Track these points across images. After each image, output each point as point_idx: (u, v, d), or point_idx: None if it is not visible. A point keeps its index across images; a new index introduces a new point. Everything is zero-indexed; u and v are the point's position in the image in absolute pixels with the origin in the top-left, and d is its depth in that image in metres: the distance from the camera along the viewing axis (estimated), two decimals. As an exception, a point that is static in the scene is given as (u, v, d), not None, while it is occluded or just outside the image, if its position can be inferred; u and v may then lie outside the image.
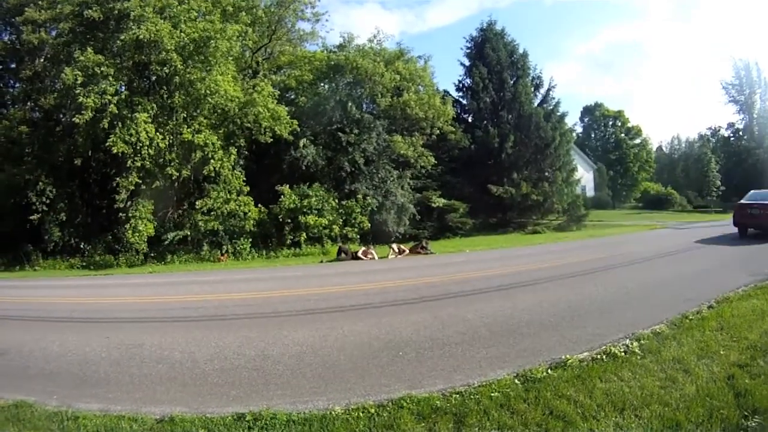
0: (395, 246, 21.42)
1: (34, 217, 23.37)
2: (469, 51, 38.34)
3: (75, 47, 22.96)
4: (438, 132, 31.27)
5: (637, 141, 73.48)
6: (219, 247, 23.86)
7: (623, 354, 5.41)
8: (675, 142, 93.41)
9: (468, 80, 37.51)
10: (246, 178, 24.63)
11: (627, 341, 5.85)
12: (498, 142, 33.92)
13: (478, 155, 34.22)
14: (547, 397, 4.34)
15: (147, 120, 21.80)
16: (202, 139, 22.73)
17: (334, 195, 26.67)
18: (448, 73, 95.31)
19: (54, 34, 27.35)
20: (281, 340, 7.08)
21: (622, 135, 72.63)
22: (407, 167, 30.20)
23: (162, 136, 22.25)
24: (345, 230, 25.83)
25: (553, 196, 34.98)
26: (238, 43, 25.05)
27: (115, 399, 5.07)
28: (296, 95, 29.99)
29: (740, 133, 65.67)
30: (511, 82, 36.23)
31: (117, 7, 22.54)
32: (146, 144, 21.52)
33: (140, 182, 22.37)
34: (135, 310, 10.63)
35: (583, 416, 3.98)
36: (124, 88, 23.36)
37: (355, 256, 20.21)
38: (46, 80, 27.72)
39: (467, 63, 37.98)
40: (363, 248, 21.25)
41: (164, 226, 23.92)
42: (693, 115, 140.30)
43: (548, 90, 37.72)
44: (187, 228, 23.86)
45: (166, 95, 23.63)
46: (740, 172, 59.92)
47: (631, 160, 70.89)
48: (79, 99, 20.83)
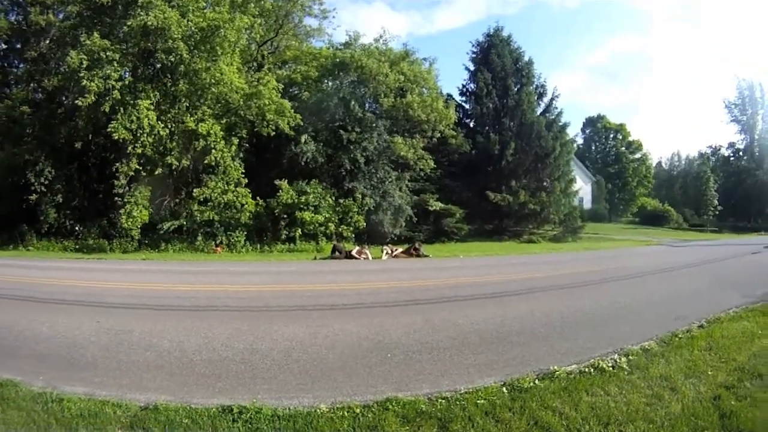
0: (389, 247, 21.43)
1: (32, 197, 23.32)
2: (474, 56, 38.50)
3: (81, 31, 22.93)
4: (439, 135, 31.35)
5: (638, 156, 73.84)
6: (213, 238, 23.84)
7: (611, 368, 5.41)
8: (675, 159, 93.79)
9: (472, 85, 37.66)
10: (245, 171, 24.56)
11: (616, 356, 5.85)
12: (499, 149, 34.00)
13: (478, 161, 34.27)
14: (533, 408, 4.33)
15: (149, 107, 21.78)
16: (206, 129, 22.72)
17: (332, 192, 26.68)
18: (452, 77, 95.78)
19: (61, 16, 27.34)
20: (271, 335, 7.07)
21: (623, 149, 72.91)
22: (406, 169, 30.23)
23: (163, 124, 22.22)
24: (341, 228, 25.84)
25: (551, 206, 35.08)
26: (245, 35, 25.04)
27: (101, 384, 5.05)
28: (300, 90, 30.02)
29: (740, 153, 65.96)
30: (515, 89, 36.35)
31: (125, -7, 22.50)
32: (147, 131, 21.49)
33: (140, 169, 22.31)
34: (127, 295, 10.58)
35: (567, 428, 3.98)
36: (128, 74, 23.26)
37: (349, 255, 20.21)
38: (51, 62, 27.59)
39: (472, 68, 38.14)
40: (357, 248, 21.27)
41: (160, 214, 23.88)
42: (694, 132, 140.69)
43: (551, 99, 38.00)
44: (183, 218, 23.81)
45: (170, 83, 23.57)
46: (739, 192, 60.11)
47: (630, 174, 71.15)
48: (83, 82, 20.81)
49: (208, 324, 7.68)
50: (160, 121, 22.15)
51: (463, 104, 38.34)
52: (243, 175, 24.29)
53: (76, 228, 25.07)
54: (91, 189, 26.14)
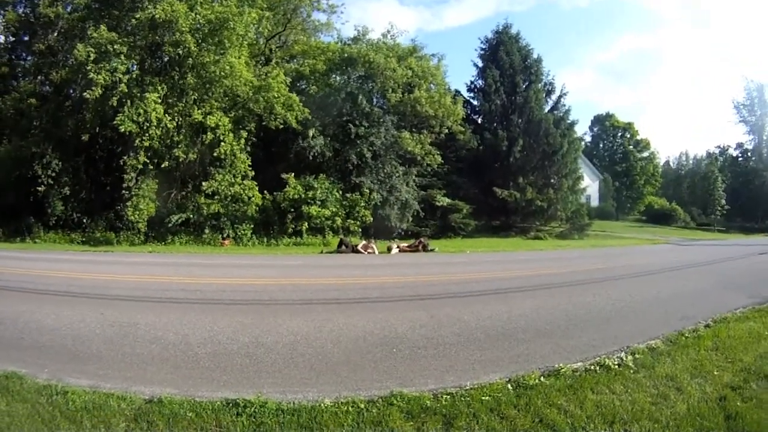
0: (395, 242, 21.43)
1: (39, 189, 23.43)
2: (483, 52, 38.43)
3: (89, 23, 23.03)
4: (447, 131, 31.30)
5: (645, 154, 73.41)
6: (220, 232, 23.90)
7: (617, 367, 5.36)
8: (683, 158, 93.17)
9: (480, 81, 37.59)
10: (252, 165, 24.58)
11: (621, 354, 5.80)
12: (506, 146, 33.94)
13: (486, 157, 34.23)
14: (538, 405, 4.31)
15: (156, 100, 21.84)
16: (214, 121, 22.79)
17: (339, 187, 26.71)
18: (460, 73, 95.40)
19: (69, 8, 27.36)
20: (276, 329, 7.06)
21: (631, 147, 72.48)
22: (413, 164, 30.21)
23: (170, 117, 22.27)
24: (347, 223, 25.88)
25: (558, 203, 35.02)
26: (253, 29, 25.03)
27: (105, 376, 5.06)
28: (308, 84, 29.97)
29: (749, 153, 65.53)
30: (523, 86, 36.22)
31: (133, -14, 22.52)
32: (154, 124, 21.54)
33: (147, 162, 22.38)
34: (132, 288, 10.60)
35: (572, 426, 3.96)
36: (135, 67, 23.35)
37: (355, 250, 20.23)
38: (59, 55, 27.65)
39: (480, 64, 38.09)
40: (364, 242, 21.27)
41: (167, 207, 23.96)
42: (702, 132, 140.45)
43: (559, 97, 37.93)
44: (189, 211, 23.88)
45: (177, 76, 23.61)
46: (746, 192, 59.81)
47: (638, 172, 70.75)
48: (90, 75, 20.88)
49: (213, 317, 7.69)
50: (167, 114, 22.23)
51: (471, 101, 38.36)
52: (250, 168, 24.33)
53: (83, 220, 25.22)
54: (98, 181, 26.30)
